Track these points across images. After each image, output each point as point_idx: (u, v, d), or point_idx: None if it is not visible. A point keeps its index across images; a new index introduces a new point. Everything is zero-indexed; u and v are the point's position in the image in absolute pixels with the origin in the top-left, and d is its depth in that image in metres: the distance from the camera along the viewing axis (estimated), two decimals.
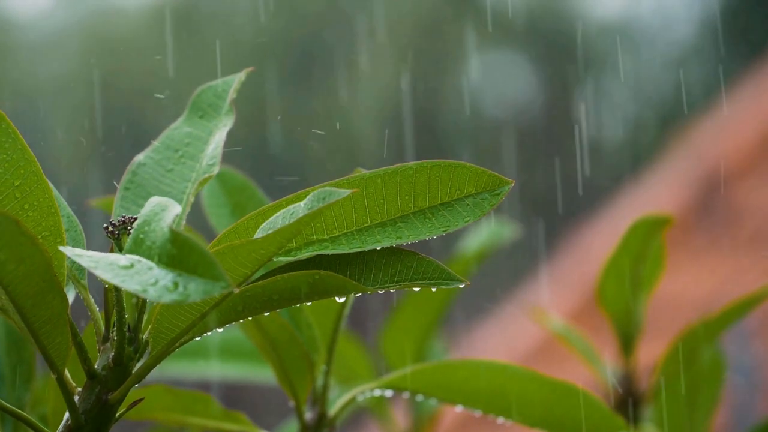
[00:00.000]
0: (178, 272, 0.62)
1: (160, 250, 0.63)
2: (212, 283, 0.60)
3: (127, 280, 0.62)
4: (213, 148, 0.81)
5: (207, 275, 0.61)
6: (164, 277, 0.62)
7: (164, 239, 0.63)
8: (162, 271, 0.62)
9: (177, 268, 0.62)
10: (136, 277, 0.62)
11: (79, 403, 0.73)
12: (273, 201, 0.97)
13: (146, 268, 0.63)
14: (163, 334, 0.70)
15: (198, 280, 0.61)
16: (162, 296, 0.60)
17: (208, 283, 0.60)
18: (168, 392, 0.93)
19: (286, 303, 0.71)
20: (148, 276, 0.62)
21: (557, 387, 0.89)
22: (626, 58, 5.54)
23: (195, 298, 0.60)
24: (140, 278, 0.62)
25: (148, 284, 0.61)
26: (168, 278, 0.62)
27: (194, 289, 0.60)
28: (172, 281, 0.61)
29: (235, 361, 1.29)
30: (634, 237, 1.25)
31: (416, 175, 0.73)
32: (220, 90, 0.84)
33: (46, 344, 0.70)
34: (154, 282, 0.61)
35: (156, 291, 0.61)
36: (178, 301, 0.60)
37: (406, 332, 1.45)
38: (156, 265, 0.63)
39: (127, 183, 0.81)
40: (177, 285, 0.61)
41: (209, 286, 0.60)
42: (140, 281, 0.62)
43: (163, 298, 0.60)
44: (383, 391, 0.92)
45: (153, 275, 0.62)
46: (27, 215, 0.73)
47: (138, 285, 0.61)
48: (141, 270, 0.63)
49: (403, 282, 0.73)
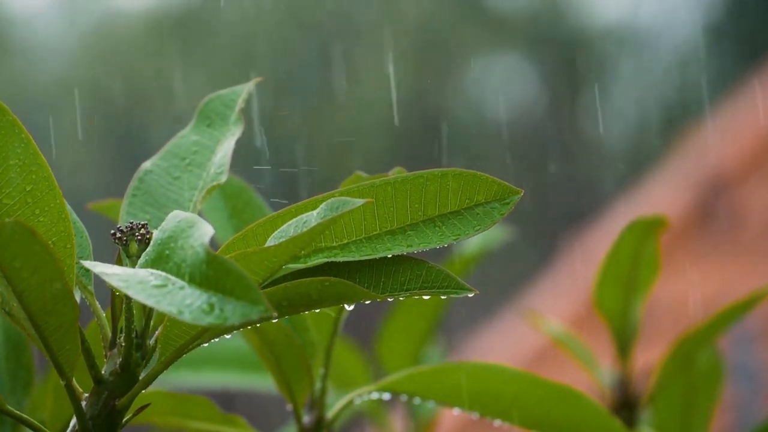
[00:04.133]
0: (212, 293, 0.61)
1: (192, 270, 0.63)
2: (250, 306, 0.60)
3: (161, 301, 0.61)
4: (221, 156, 0.81)
5: (245, 298, 0.60)
6: (198, 298, 0.61)
7: (198, 259, 0.62)
8: (194, 291, 0.62)
9: (211, 289, 0.61)
10: (169, 297, 0.61)
11: (87, 409, 0.73)
12: (268, 207, 0.98)
13: (178, 288, 0.62)
14: (172, 340, 0.71)
15: (235, 303, 0.60)
16: (199, 319, 0.60)
17: (246, 306, 0.60)
18: (167, 396, 0.94)
19: (296, 309, 0.71)
20: (180, 296, 0.62)
21: (554, 389, 0.90)
22: (628, 62, 5.54)
23: (233, 321, 0.60)
24: (173, 299, 0.61)
25: (183, 305, 0.61)
26: (202, 299, 0.61)
27: (231, 311, 0.60)
28: (206, 303, 0.61)
29: (233, 370, 1.29)
30: (629, 239, 1.25)
31: (426, 184, 0.73)
32: (228, 99, 0.84)
33: (56, 351, 0.70)
34: (188, 303, 0.61)
35: (192, 313, 0.60)
36: (216, 325, 0.60)
37: (402, 337, 1.45)
38: (187, 284, 0.62)
39: (134, 190, 0.82)
40: (213, 307, 0.61)
41: (247, 309, 0.60)
42: (174, 302, 0.61)
43: (200, 321, 0.60)
44: (380, 394, 0.92)
45: (185, 295, 0.62)
46: (38, 220, 0.73)
47: (173, 307, 0.61)
48: (173, 290, 0.62)
49: (412, 290, 0.73)
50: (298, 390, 0.92)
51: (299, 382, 0.91)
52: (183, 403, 0.94)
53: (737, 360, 2.61)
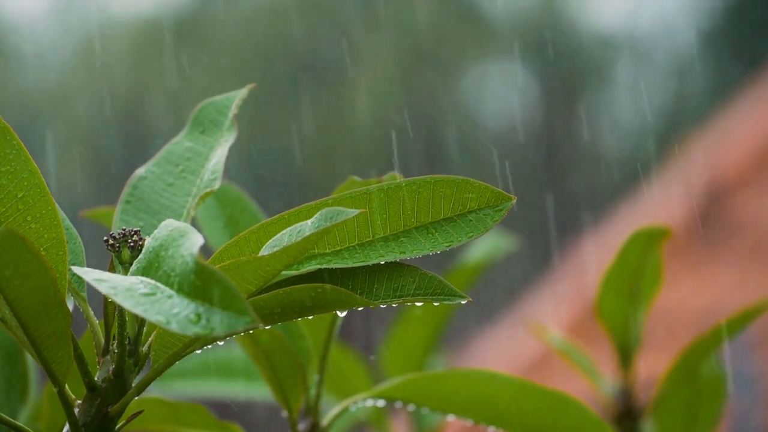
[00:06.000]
0: (199, 303, 0.61)
1: (181, 279, 0.63)
2: (236, 317, 0.60)
3: (149, 310, 0.61)
4: (214, 163, 0.81)
5: (231, 309, 0.60)
6: (185, 307, 0.61)
7: (187, 269, 0.62)
8: (182, 300, 0.62)
9: (198, 299, 0.61)
10: (157, 306, 0.61)
11: (80, 416, 0.73)
12: (264, 213, 0.98)
13: (166, 297, 0.62)
14: (165, 347, 0.70)
15: (222, 314, 0.60)
16: (186, 328, 0.60)
17: (232, 317, 0.60)
18: (162, 404, 0.94)
19: (289, 316, 0.71)
20: (168, 305, 0.62)
21: (548, 396, 0.90)
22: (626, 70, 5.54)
23: (219, 331, 0.60)
24: (161, 307, 0.61)
25: (170, 315, 0.61)
26: (190, 309, 0.61)
27: (218, 322, 0.60)
28: (194, 312, 0.61)
29: (228, 379, 1.29)
30: (632, 249, 1.25)
31: (420, 190, 0.73)
32: (222, 105, 0.84)
33: (49, 358, 0.70)
34: (176, 313, 0.61)
35: (179, 323, 0.60)
36: (202, 335, 0.60)
37: (406, 347, 1.44)
38: (175, 293, 0.63)
39: (127, 196, 0.81)
40: (200, 317, 0.61)
41: (233, 320, 0.60)
42: (162, 311, 0.61)
43: (186, 331, 0.60)
44: (375, 401, 0.92)
45: (172, 304, 0.62)
46: (30, 227, 0.73)
47: (161, 315, 0.61)
48: (161, 299, 0.62)
49: (406, 297, 0.73)
50: (293, 397, 0.92)
51: (294, 388, 0.91)
52: (178, 410, 0.93)
53: (736, 367, 2.61)
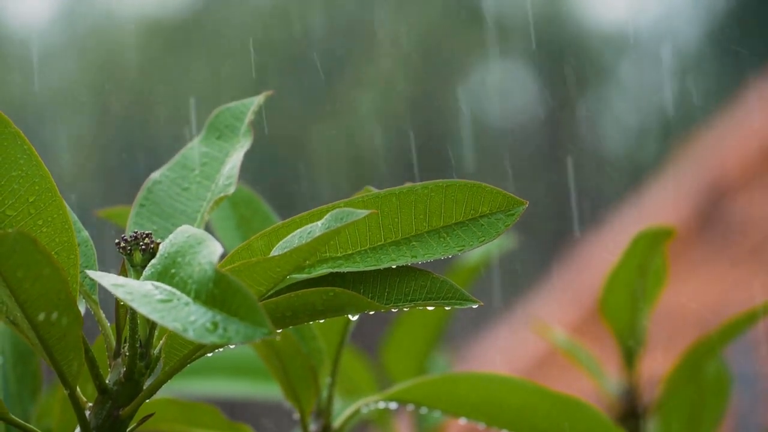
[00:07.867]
0: (216, 311, 0.61)
1: (199, 287, 0.63)
2: (253, 327, 0.60)
3: (165, 316, 0.61)
4: (230, 168, 0.81)
5: (248, 319, 0.60)
6: (202, 315, 0.61)
7: (205, 277, 0.62)
8: (199, 308, 0.62)
9: (216, 308, 0.61)
10: (174, 313, 0.61)
11: (91, 419, 0.73)
12: (276, 215, 0.98)
13: (183, 304, 0.62)
14: (176, 349, 0.71)
15: (239, 323, 0.60)
16: (202, 337, 0.60)
17: (249, 327, 0.60)
18: (173, 404, 0.94)
19: (301, 320, 0.71)
20: (185, 313, 0.62)
21: (560, 400, 0.90)
22: (628, 70, 5.55)
23: (236, 341, 0.60)
24: (177, 314, 0.61)
25: (187, 322, 0.61)
26: (207, 317, 0.61)
27: (235, 331, 0.60)
28: (211, 321, 0.61)
29: (240, 378, 1.30)
30: (637, 249, 1.25)
31: (432, 195, 0.73)
32: (238, 112, 0.84)
33: (60, 361, 0.70)
34: (192, 320, 0.61)
35: (195, 331, 0.60)
36: (218, 344, 0.60)
37: (408, 346, 1.45)
38: (192, 300, 0.62)
39: (142, 200, 0.82)
40: (216, 326, 0.60)
41: (250, 331, 0.60)
42: (178, 318, 0.61)
43: (203, 339, 0.60)
44: (387, 403, 0.92)
45: (189, 312, 0.62)
46: (41, 231, 0.73)
47: (177, 323, 0.61)
48: (178, 306, 0.62)
49: (417, 301, 0.73)
50: (305, 398, 0.92)
51: (306, 390, 0.92)
52: (189, 410, 0.94)
53: (738, 367, 2.61)
